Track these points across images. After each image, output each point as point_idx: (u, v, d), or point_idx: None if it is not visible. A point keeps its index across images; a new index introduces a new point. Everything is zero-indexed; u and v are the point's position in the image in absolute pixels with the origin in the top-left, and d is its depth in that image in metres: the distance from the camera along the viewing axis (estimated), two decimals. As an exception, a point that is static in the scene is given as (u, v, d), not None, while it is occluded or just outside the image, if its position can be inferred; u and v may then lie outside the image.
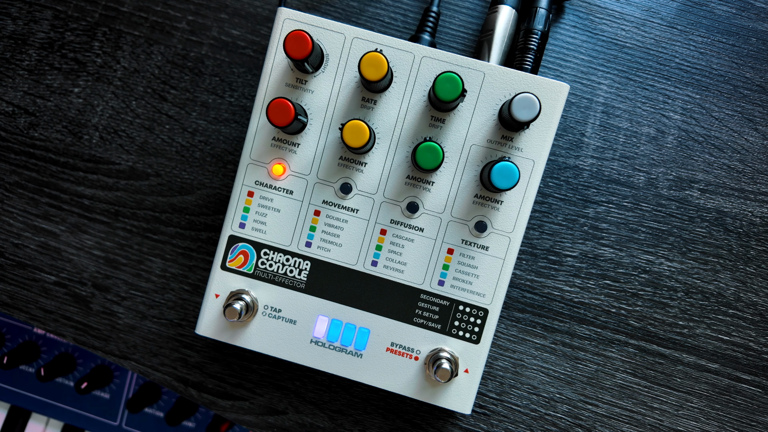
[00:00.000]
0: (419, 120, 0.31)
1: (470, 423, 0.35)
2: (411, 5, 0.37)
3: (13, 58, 0.37)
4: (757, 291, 0.35)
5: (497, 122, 0.30)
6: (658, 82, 0.36)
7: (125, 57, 0.37)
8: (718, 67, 0.36)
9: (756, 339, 0.35)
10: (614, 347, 0.35)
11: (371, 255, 0.31)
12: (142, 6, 0.37)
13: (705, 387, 0.35)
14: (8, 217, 0.37)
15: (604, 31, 0.36)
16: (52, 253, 0.37)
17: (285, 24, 0.30)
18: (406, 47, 0.30)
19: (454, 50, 0.36)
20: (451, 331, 0.31)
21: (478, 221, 0.31)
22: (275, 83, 0.31)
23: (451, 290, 0.31)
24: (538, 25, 0.32)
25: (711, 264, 0.35)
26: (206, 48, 0.37)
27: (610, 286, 0.36)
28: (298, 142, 0.31)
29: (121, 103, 0.37)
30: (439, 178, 0.31)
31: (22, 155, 0.37)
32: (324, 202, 0.31)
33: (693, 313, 0.35)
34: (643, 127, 0.36)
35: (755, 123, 0.36)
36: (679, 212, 0.36)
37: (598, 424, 0.35)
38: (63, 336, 0.37)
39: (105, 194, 0.37)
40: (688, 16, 0.36)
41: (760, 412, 0.35)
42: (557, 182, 0.36)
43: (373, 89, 0.30)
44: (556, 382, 0.35)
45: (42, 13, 0.37)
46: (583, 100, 0.36)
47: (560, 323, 0.35)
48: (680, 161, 0.36)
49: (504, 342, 0.36)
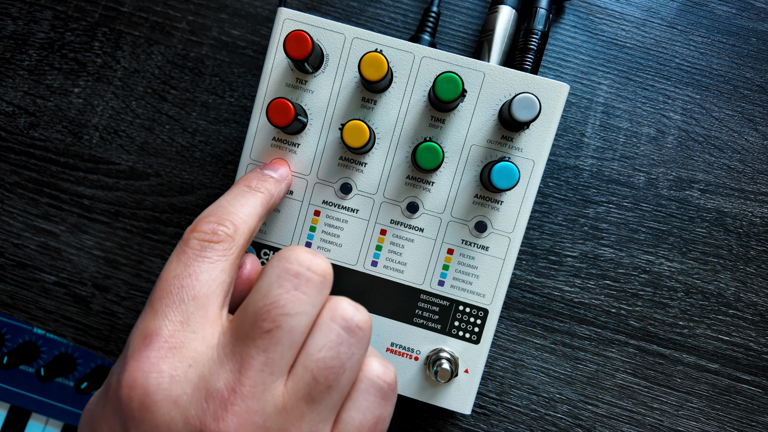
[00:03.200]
0: (419, 120, 0.31)
1: (470, 423, 0.35)
2: (411, 5, 0.37)
3: (14, 58, 0.37)
4: (757, 291, 0.35)
5: (497, 122, 0.30)
6: (658, 82, 0.36)
7: (125, 57, 0.37)
8: (718, 68, 0.36)
9: (756, 339, 0.35)
10: (614, 347, 0.35)
11: (371, 255, 0.31)
12: (142, 6, 0.37)
13: (705, 387, 0.35)
14: (8, 217, 0.37)
15: (604, 32, 0.36)
16: (52, 253, 0.37)
17: (285, 24, 0.30)
18: (406, 47, 0.30)
19: (454, 50, 0.36)
20: (451, 331, 0.31)
21: (478, 221, 0.31)
22: (275, 83, 0.31)
23: (451, 290, 0.31)
24: (538, 25, 0.32)
25: (711, 264, 0.35)
26: (206, 48, 0.37)
27: (610, 286, 0.36)
28: (298, 143, 0.31)
29: (121, 103, 0.37)
30: (439, 178, 0.31)
31: (22, 155, 0.37)
32: (324, 202, 0.31)
33: (693, 313, 0.35)
34: (643, 127, 0.36)
35: (755, 123, 0.36)
36: (679, 212, 0.36)
37: (598, 425, 0.35)
38: (63, 336, 0.37)
39: (105, 194, 0.37)
40: (688, 16, 0.36)
41: (760, 413, 0.35)
42: (557, 182, 0.36)
43: (373, 89, 0.30)
44: (556, 382, 0.35)
45: (42, 13, 0.37)
46: (583, 100, 0.36)
47: (560, 323, 0.35)
48: (680, 161, 0.36)
49: (504, 342, 0.36)
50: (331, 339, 0.20)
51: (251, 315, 0.20)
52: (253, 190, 0.26)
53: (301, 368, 0.20)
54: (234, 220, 0.23)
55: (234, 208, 0.24)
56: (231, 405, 0.18)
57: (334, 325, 0.21)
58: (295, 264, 0.21)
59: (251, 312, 0.20)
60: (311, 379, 0.19)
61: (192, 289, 0.20)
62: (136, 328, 0.20)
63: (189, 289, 0.20)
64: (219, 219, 0.23)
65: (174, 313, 0.20)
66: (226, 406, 0.18)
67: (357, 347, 0.21)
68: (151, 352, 0.19)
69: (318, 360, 0.20)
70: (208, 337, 0.20)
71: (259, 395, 0.19)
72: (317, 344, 0.20)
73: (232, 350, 0.19)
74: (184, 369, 0.19)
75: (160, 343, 0.19)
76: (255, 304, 0.20)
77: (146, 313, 0.20)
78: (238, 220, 0.23)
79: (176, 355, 0.19)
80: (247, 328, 0.20)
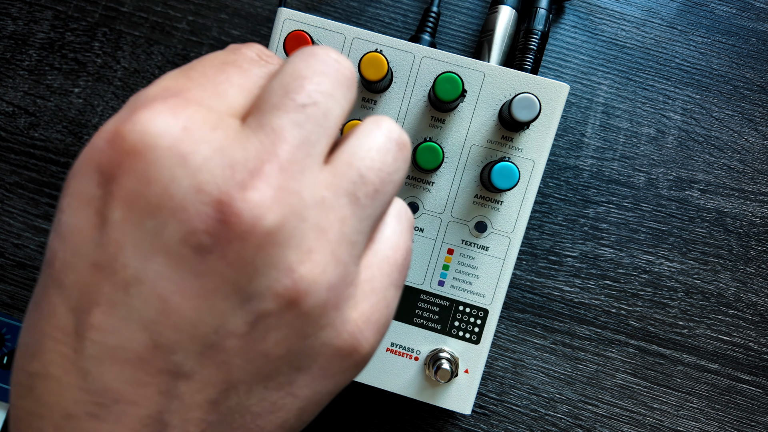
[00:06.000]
0: (419, 120, 0.31)
1: (470, 423, 0.35)
2: (411, 5, 0.37)
3: (14, 58, 0.37)
4: (757, 291, 0.35)
5: (497, 122, 0.30)
6: (658, 82, 0.36)
7: (125, 57, 0.37)
8: (719, 68, 0.36)
9: (756, 339, 0.35)
10: (614, 347, 0.35)
11: (371, 255, 0.31)
12: (143, 6, 0.37)
13: (705, 387, 0.35)
14: (8, 217, 0.37)
15: (605, 32, 0.36)
16: (52, 254, 0.37)
17: (285, 24, 0.30)
18: (406, 47, 0.30)
19: (454, 50, 0.36)
20: (451, 331, 0.31)
21: (478, 221, 0.31)
22: (275, 83, 0.31)
23: (451, 290, 0.31)
24: (538, 26, 0.32)
25: (711, 264, 0.35)
26: (206, 48, 0.37)
27: (610, 286, 0.36)
28: (298, 143, 0.31)
29: (121, 104, 0.37)
30: (439, 179, 0.31)
31: (23, 155, 0.37)
32: (324, 202, 0.31)
33: (693, 313, 0.35)
34: (643, 127, 0.36)
35: (755, 123, 0.36)
36: (679, 212, 0.36)
37: (598, 425, 0.35)
38: (63, 336, 0.37)
39: (105, 194, 0.37)
40: (688, 16, 0.36)
41: (760, 413, 0.35)
42: (557, 182, 0.36)
43: (373, 89, 0.30)
44: (556, 382, 0.35)
45: (42, 13, 0.37)
46: (583, 101, 0.36)
47: (560, 323, 0.35)
48: (680, 161, 0.36)
49: (504, 342, 0.36)
50: (380, 144, 0.17)
51: (279, 88, 0.16)
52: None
53: (345, 162, 0.16)
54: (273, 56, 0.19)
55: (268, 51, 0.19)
56: (264, 175, 0.14)
57: (380, 133, 0.17)
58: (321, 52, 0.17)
59: (278, 86, 0.16)
60: (357, 177, 0.16)
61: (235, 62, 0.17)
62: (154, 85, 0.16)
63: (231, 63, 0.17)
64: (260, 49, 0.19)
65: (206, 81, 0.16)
66: (257, 175, 0.14)
67: (403, 164, 0.18)
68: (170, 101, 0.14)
69: (365, 159, 0.16)
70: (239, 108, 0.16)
71: (296, 175, 0.14)
72: (363, 145, 0.17)
73: (263, 121, 0.15)
74: (208, 128, 0.14)
75: (185, 97, 0.15)
76: (283, 80, 0.16)
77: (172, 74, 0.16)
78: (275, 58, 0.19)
79: (197, 111, 0.14)
80: (275, 99, 0.15)
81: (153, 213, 0.13)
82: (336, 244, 0.15)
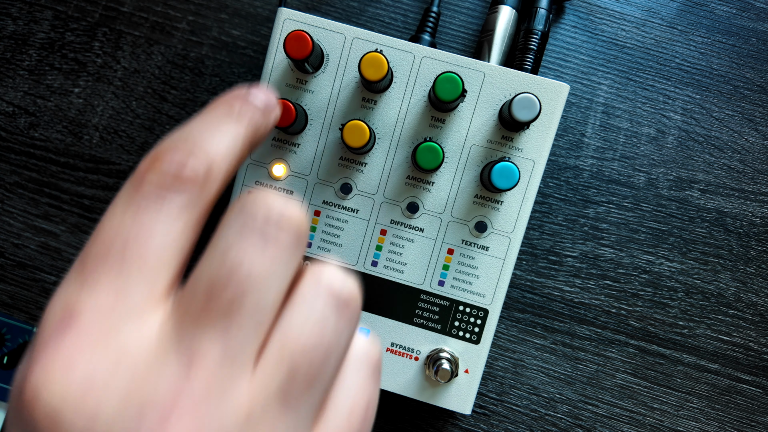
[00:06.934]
0: (419, 120, 0.31)
1: (470, 423, 0.35)
2: (411, 5, 0.37)
3: (14, 58, 0.37)
4: (757, 291, 0.35)
5: (497, 122, 0.30)
6: (658, 82, 0.36)
7: (125, 57, 0.37)
8: (719, 68, 0.36)
9: (756, 339, 0.35)
10: (614, 347, 0.35)
11: (371, 255, 0.31)
12: (143, 6, 0.37)
13: (705, 387, 0.35)
14: (8, 217, 0.37)
15: (605, 32, 0.36)
16: (53, 253, 0.37)
17: (285, 24, 0.30)
18: (406, 47, 0.30)
19: (454, 50, 0.36)
20: (451, 331, 0.31)
21: (478, 221, 0.31)
22: (275, 83, 0.31)
23: (451, 290, 0.31)
24: (538, 26, 0.32)
25: (711, 264, 0.35)
26: (206, 48, 0.37)
27: (610, 286, 0.36)
28: (298, 143, 0.31)
29: (121, 104, 0.37)
30: (439, 179, 0.31)
31: (23, 155, 0.37)
32: (324, 202, 0.31)
33: (693, 313, 0.35)
34: (643, 127, 0.36)
35: (755, 123, 0.36)
36: (679, 212, 0.36)
37: (598, 425, 0.35)
38: (63, 336, 0.37)
39: (105, 194, 0.37)
40: (689, 16, 0.36)
41: (760, 413, 0.35)
42: (557, 182, 0.36)
43: (373, 89, 0.30)
44: (556, 382, 0.35)
45: (42, 13, 0.37)
46: (584, 101, 0.36)
47: (560, 323, 0.35)
48: (680, 161, 0.36)
49: (504, 342, 0.36)
50: (316, 316, 0.15)
51: (204, 286, 0.14)
52: (236, 117, 0.17)
53: (274, 358, 0.14)
54: (209, 154, 0.16)
55: (209, 138, 0.16)
56: (176, 418, 0.13)
57: (317, 298, 0.15)
58: (263, 209, 0.15)
59: (204, 282, 0.14)
60: (287, 374, 0.14)
61: (139, 252, 0.14)
62: (56, 299, 0.14)
63: (134, 251, 0.14)
64: (189, 152, 0.15)
65: (108, 283, 0.14)
66: (168, 419, 0.13)
67: (346, 328, 0.16)
68: (67, 339, 0.13)
69: (297, 346, 0.15)
70: (149, 322, 0.14)
71: (214, 401, 0.13)
72: (296, 324, 0.15)
73: (178, 339, 0.14)
74: (110, 367, 0.13)
75: (81, 326, 0.14)
76: (209, 269, 0.14)
77: (71, 279, 0.14)
78: (215, 155, 0.16)
79: (101, 346, 0.13)
80: (199, 305, 0.14)
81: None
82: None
